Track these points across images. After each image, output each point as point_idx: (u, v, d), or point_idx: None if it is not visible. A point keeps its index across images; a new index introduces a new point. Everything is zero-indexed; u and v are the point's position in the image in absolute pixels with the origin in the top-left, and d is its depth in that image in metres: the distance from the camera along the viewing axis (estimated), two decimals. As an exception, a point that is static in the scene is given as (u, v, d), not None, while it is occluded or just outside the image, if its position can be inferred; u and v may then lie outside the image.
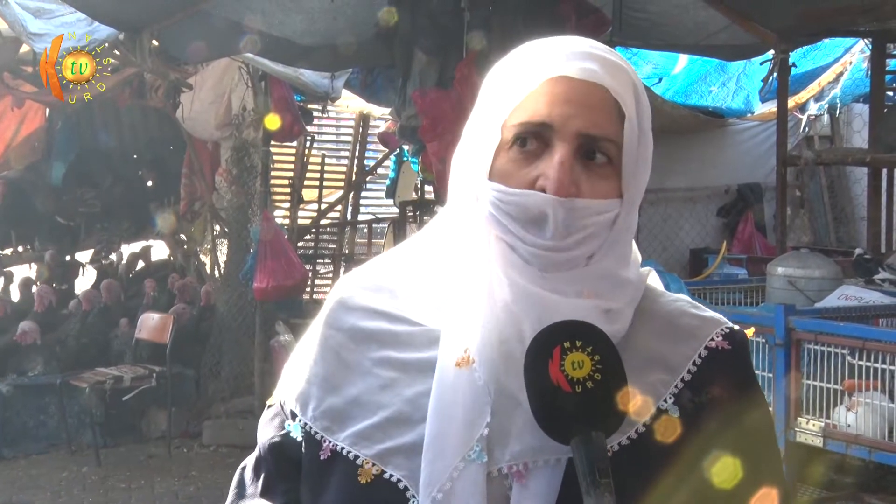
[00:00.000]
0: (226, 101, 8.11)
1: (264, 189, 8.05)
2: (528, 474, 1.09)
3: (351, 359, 1.20)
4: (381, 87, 7.54)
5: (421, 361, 1.16)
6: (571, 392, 1.03)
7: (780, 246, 5.59)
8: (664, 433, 1.13)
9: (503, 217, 1.11)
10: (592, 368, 1.04)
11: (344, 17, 5.90)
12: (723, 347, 1.18)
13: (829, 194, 9.03)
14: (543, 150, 1.11)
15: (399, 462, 1.12)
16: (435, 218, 1.27)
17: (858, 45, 7.48)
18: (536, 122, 1.11)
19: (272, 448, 1.24)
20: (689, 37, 6.02)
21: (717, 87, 8.00)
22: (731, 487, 1.14)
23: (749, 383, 1.21)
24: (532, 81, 1.11)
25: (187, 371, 7.99)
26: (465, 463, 1.08)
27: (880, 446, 3.40)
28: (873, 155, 5.47)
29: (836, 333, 3.59)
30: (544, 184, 1.10)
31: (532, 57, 1.14)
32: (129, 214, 9.98)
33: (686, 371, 1.16)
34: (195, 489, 6.68)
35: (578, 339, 1.05)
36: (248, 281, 7.74)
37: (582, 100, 1.10)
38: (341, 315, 1.23)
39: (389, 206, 10.36)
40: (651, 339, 1.16)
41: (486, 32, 5.14)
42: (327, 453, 1.17)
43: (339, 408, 1.18)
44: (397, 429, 1.14)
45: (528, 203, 1.10)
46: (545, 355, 1.05)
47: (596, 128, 1.11)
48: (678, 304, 1.23)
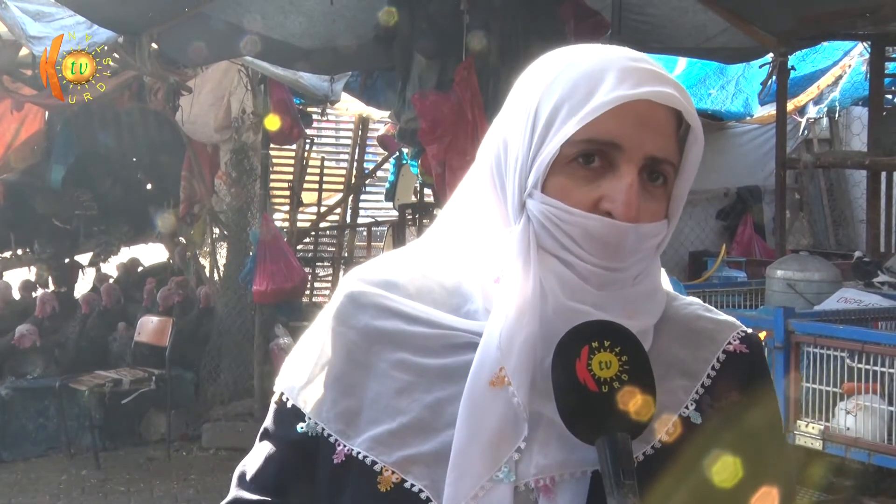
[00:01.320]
0: (225, 103, 8.11)
1: (264, 192, 8.05)
2: (555, 488, 1.07)
3: (364, 359, 1.16)
4: (381, 89, 7.54)
5: (440, 367, 1.13)
6: (598, 392, 1.02)
7: (779, 249, 5.59)
8: (688, 440, 1.12)
9: (561, 235, 1.08)
10: (620, 369, 1.03)
11: (343, 20, 5.91)
12: (741, 351, 1.18)
13: (829, 197, 9.03)
14: (607, 168, 1.08)
15: (420, 471, 1.09)
16: (444, 217, 1.23)
17: (857, 49, 7.49)
18: (605, 141, 1.07)
19: (287, 445, 1.19)
20: (688, 40, 6.03)
21: (717, 90, 8.01)
22: (751, 490, 1.14)
23: (767, 386, 1.21)
24: (607, 101, 1.05)
25: (186, 374, 7.98)
26: (493, 483, 1.07)
27: (879, 449, 3.40)
28: (872, 158, 5.47)
29: (835, 336, 3.59)
30: (610, 207, 1.07)
31: (599, 71, 1.09)
32: (128, 217, 9.98)
33: (706, 376, 1.16)
34: (194, 492, 6.67)
35: (607, 340, 1.04)
36: (247, 284, 7.74)
37: (651, 122, 1.07)
38: (353, 311, 1.18)
39: (389, 209, 10.36)
40: (671, 345, 1.15)
41: (485, 35, 5.14)
42: (341, 457, 1.13)
43: (354, 410, 1.14)
44: (417, 436, 1.11)
45: (593, 227, 1.07)
46: (573, 354, 1.04)
47: (661, 150, 1.09)
48: (692, 308, 1.22)
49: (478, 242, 1.16)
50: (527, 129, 1.10)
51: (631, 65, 1.09)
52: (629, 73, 1.08)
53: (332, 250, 10.66)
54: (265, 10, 5.68)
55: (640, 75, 1.08)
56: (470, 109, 5.09)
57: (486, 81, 5.13)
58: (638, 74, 1.08)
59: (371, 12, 5.73)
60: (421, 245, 1.24)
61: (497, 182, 1.14)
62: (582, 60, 1.11)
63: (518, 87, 1.16)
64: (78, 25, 5.94)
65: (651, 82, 1.07)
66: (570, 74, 1.10)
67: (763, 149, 8.50)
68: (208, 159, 8.87)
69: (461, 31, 5.18)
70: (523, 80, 1.16)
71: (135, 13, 5.32)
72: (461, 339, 1.13)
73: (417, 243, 1.25)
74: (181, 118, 8.20)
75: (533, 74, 1.14)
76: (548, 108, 1.09)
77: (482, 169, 1.17)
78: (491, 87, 5.10)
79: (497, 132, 1.16)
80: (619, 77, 1.07)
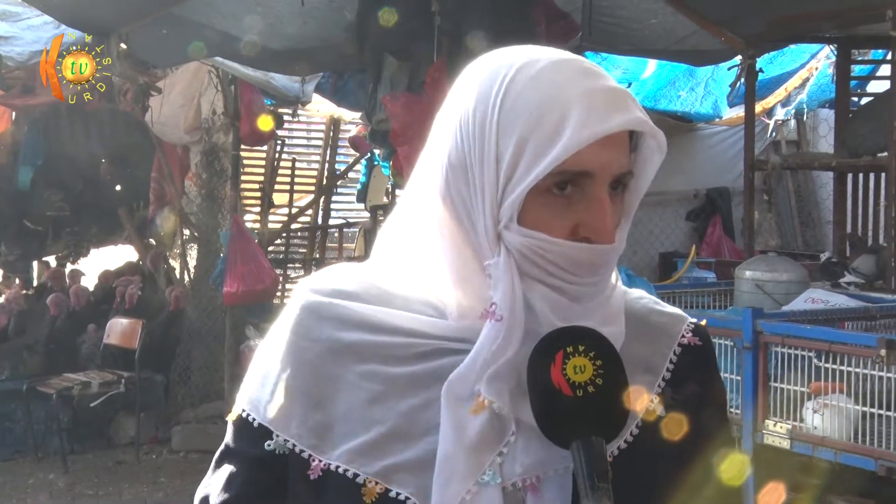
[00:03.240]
0: (195, 104, 8.06)
1: (234, 193, 8.01)
2: (541, 486, 1.09)
3: (331, 372, 1.14)
4: (352, 90, 7.53)
5: (410, 375, 1.12)
6: (573, 396, 1.04)
7: (748, 250, 5.64)
8: (655, 434, 1.15)
9: (546, 264, 1.09)
10: (594, 373, 1.05)
11: (314, 21, 5.89)
12: (694, 343, 1.22)
13: (796, 198, 9.12)
14: (579, 193, 1.09)
15: (404, 479, 1.09)
16: (390, 229, 1.21)
17: (824, 51, 7.57)
18: (577, 172, 1.07)
19: (251, 466, 1.16)
20: (658, 42, 6.07)
21: (686, 92, 8.06)
22: (718, 475, 1.18)
23: (717, 374, 1.27)
24: (582, 139, 1.05)
25: (157, 376, 7.92)
26: (480, 486, 1.08)
27: (846, 448, 3.44)
28: (839, 160, 5.53)
29: (803, 336, 3.62)
30: (589, 234, 1.08)
31: (561, 98, 1.07)
32: (97, 219, 9.89)
33: (665, 370, 1.19)
34: (164, 495, 6.63)
35: (581, 344, 1.05)
36: (218, 286, 7.69)
37: (614, 142, 1.08)
38: (314, 325, 1.16)
39: (360, 211, 10.34)
40: (631, 341, 1.17)
41: (456, 37, 5.15)
42: (317, 472, 1.12)
43: (326, 424, 1.13)
44: (396, 445, 1.10)
45: (578, 256, 1.08)
46: (548, 359, 1.05)
47: (624, 166, 1.10)
48: (643, 302, 1.24)
49: (442, 264, 1.14)
50: (489, 160, 1.09)
51: (591, 86, 1.08)
52: (595, 100, 1.07)
53: (304, 252, 10.63)
54: (235, 11, 5.65)
55: (605, 101, 1.07)
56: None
57: (458, 83, 5.13)
58: (603, 100, 1.07)
59: (342, 13, 5.72)
60: (373, 260, 1.22)
61: (461, 211, 1.11)
62: (539, 79, 1.08)
63: (466, 93, 1.12)
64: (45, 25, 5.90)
65: (618, 109, 1.07)
66: (531, 98, 1.07)
67: (732, 150, 8.57)
68: (178, 161, 8.81)
69: (432, 32, 5.18)
70: (471, 87, 1.12)
71: (104, 13, 5.27)
72: (428, 347, 1.13)
73: (370, 259, 1.23)
74: (151, 119, 8.14)
75: (484, 83, 1.11)
76: (512, 137, 1.07)
77: (435, 190, 1.13)
78: (462, 89, 5.10)
79: (446, 146, 1.13)
80: (587, 105, 1.06)
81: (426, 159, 1.17)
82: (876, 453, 3.37)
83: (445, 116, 1.15)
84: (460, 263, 1.12)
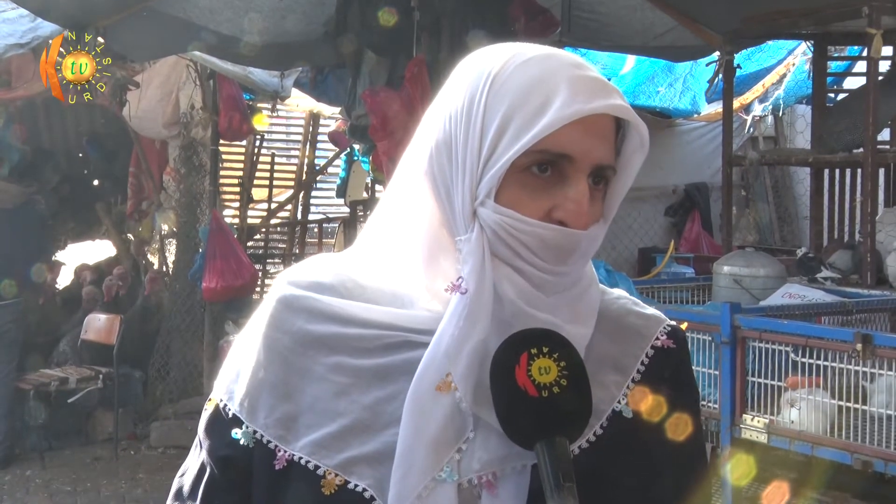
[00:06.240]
0: (173, 99, 8.02)
1: (213, 188, 7.98)
2: (497, 483, 1.10)
3: (301, 364, 1.16)
4: (331, 85, 7.50)
5: (376, 367, 1.14)
6: (538, 397, 1.05)
7: (725, 245, 5.66)
8: (619, 434, 1.15)
9: (516, 244, 1.10)
10: (559, 374, 1.06)
11: (294, 16, 5.88)
12: (668, 346, 1.22)
13: (774, 194, 9.17)
14: (557, 177, 1.10)
15: (363, 471, 1.11)
16: (376, 218, 1.22)
17: (801, 48, 7.62)
18: (558, 153, 1.09)
19: (220, 456, 1.18)
20: (636, 38, 6.08)
21: (665, 88, 8.09)
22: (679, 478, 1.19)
23: (691, 378, 1.27)
24: (565, 116, 1.07)
25: (135, 372, 7.89)
26: (436, 482, 1.08)
27: (822, 442, 3.46)
28: (815, 155, 5.56)
29: (780, 331, 3.64)
30: (563, 217, 1.09)
31: (549, 80, 1.09)
32: (74, 214, 9.82)
33: (636, 371, 1.19)
34: (142, 491, 6.60)
35: (545, 346, 1.06)
36: (196, 281, 7.66)
37: (598, 131, 1.10)
38: (287, 317, 1.18)
39: (340, 206, 10.31)
40: (602, 341, 1.18)
41: (435, 32, 5.15)
42: (282, 463, 1.13)
43: (292, 415, 1.14)
44: (357, 437, 1.12)
45: (548, 237, 1.09)
46: (512, 361, 1.06)
47: (606, 158, 1.12)
48: (621, 303, 1.25)
49: (416, 246, 1.15)
50: (473, 136, 1.11)
51: (578, 74, 1.11)
52: (580, 85, 1.09)
53: (283, 247, 10.59)
54: (214, 6, 5.63)
55: (591, 87, 1.10)
56: (421, 106, 5.08)
57: (437, 78, 5.13)
58: (588, 86, 1.10)
59: (321, 8, 5.71)
60: (354, 249, 1.24)
61: (441, 188, 1.13)
62: (528, 65, 1.12)
63: (458, 83, 1.15)
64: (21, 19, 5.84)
65: (603, 95, 1.09)
66: (519, 80, 1.10)
67: (710, 146, 8.61)
68: (157, 155, 8.76)
69: (412, 27, 5.18)
70: (463, 78, 1.15)
71: (81, 7, 5.23)
72: (396, 339, 1.14)
73: (351, 248, 1.24)
74: (129, 114, 8.09)
75: (474, 72, 1.14)
76: (497, 115, 1.10)
77: (419, 170, 1.16)
78: (442, 84, 5.10)
79: (434, 130, 1.15)
80: (572, 89, 1.08)
81: (413, 148, 1.18)
82: (852, 447, 3.39)
83: (435, 109, 1.17)
84: (433, 241, 1.14)
